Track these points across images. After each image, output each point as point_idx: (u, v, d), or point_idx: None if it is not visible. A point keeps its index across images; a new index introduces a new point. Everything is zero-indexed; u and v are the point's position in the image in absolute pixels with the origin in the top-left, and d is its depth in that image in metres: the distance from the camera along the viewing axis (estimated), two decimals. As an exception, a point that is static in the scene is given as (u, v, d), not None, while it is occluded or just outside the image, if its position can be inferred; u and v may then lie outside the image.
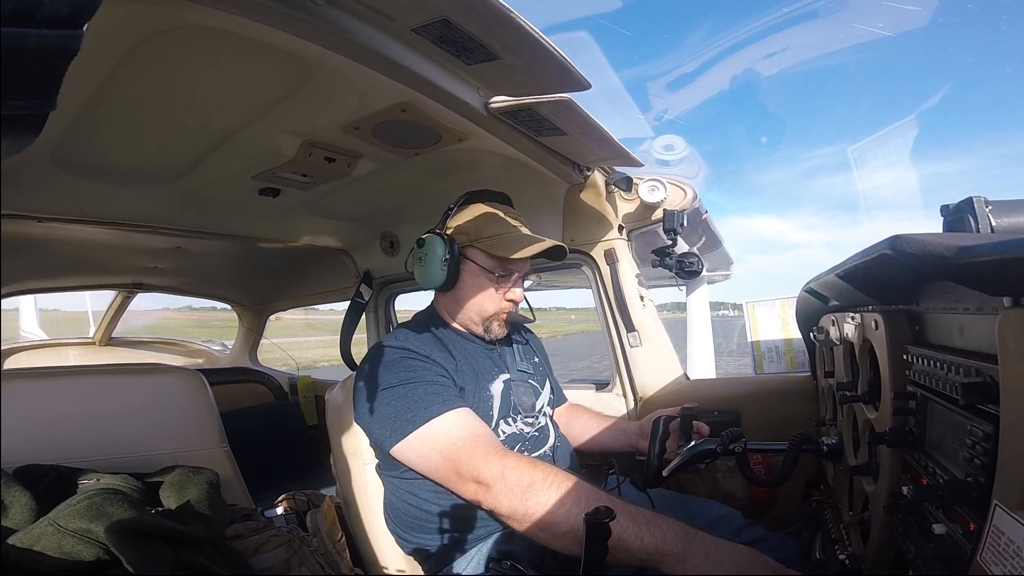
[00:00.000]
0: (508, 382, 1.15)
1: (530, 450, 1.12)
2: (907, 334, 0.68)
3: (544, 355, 1.34)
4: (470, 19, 0.75)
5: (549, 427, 1.20)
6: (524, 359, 1.25)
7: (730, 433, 0.89)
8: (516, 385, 1.17)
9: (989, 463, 0.46)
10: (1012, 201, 0.64)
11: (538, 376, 1.25)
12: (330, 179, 1.35)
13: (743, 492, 1.32)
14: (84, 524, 0.69)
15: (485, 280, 1.11)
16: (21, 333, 4.31)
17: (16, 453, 0.87)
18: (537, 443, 1.14)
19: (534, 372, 1.24)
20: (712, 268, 2.68)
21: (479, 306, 1.12)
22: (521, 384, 1.18)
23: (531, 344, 1.30)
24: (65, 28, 0.27)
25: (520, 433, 1.12)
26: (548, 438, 1.17)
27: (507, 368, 1.18)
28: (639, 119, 3.27)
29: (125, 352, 3.17)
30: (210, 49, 0.78)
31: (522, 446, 1.11)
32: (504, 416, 1.10)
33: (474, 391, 1.07)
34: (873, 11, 55.49)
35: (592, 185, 1.47)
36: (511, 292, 1.12)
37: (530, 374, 1.23)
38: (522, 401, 1.15)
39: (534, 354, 1.29)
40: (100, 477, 0.84)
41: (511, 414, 1.12)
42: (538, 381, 1.24)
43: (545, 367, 1.30)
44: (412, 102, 0.98)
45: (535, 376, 1.24)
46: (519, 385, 1.17)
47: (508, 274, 1.11)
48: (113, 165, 1.14)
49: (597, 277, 1.56)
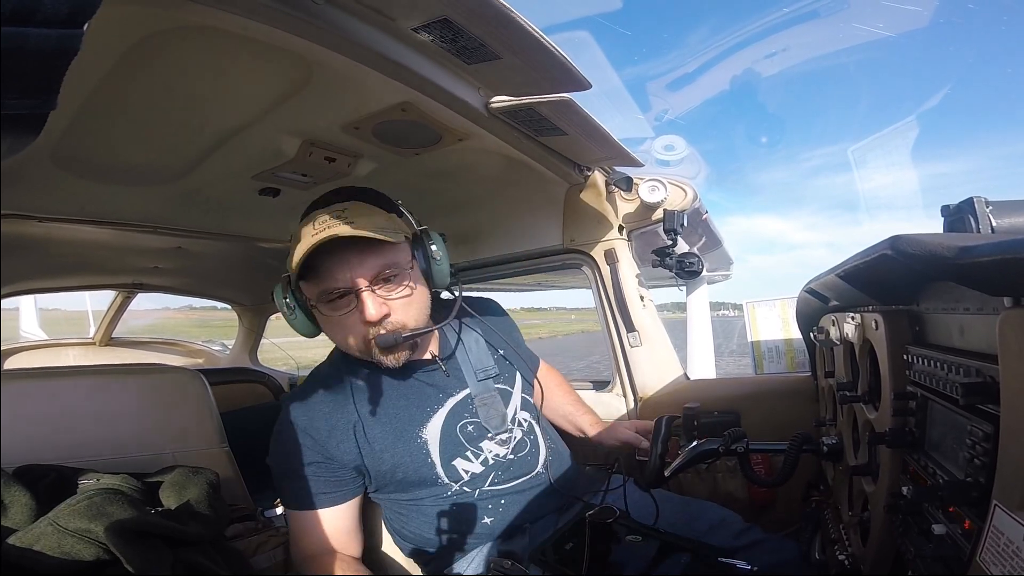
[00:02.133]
0: (460, 407, 1.01)
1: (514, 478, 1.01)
2: (907, 334, 0.68)
3: (508, 335, 1.17)
4: (470, 19, 0.75)
5: (535, 436, 1.07)
6: (483, 360, 1.08)
7: (732, 433, 0.89)
8: (481, 402, 1.02)
9: (989, 463, 0.46)
10: (1012, 201, 0.64)
11: (505, 374, 1.09)
12: (330, 179, 1.35)
13: (743, 492, 1.32)
14: (84, 524, 0.69)
15: (324, 315, 0.93)
16: (21, 333, 4.32)
17: (16, 453, 0.87)
18: (521, 467, 1.02)
19: (500, 371, 1.08)
20: (712, 268, 2.69)
21: (345, 345, 0.96)
22: (487, 397, 1.03)
23: (484, 335, 1.12)
24: (65, 28, 0.27)
25: (493, 463, 1.00)
26: (537, 455, 1.06)
27: (456, 389, 1.03)
28: (639, 119, 3.27)
29: (125, 352, 3.17)
30: (210, 49, 0.78)
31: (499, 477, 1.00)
32: (457, 455, 0.98)
33: (395, 443, 0.95)
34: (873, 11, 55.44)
35: (592, 185, 1.47)
36: (363, 313, 0.89)
37: (493, 376, 1.07)
38: (491, 420, 1.01)
39: (494, 346, 1.12)
40: (100, 477, 0.84)
41: (470, 446, 0.99)
42: (507, 380, 1.09)
43: (510, 353, 1.14)
44: (412, 102, 0.98)
45: (501, 376, 1.08)
46: (484, 400, 1.02)
47: (337, 295, 0.90)
48: (113, 165, 1.14)
49: (597, 277, 1.56)
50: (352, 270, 0.88)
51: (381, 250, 0.89)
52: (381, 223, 0.90)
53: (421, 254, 0.96)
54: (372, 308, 0.88)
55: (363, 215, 0.89)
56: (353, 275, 0.88)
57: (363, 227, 0.85)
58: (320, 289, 0.90)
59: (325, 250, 0.85)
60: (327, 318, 0.93)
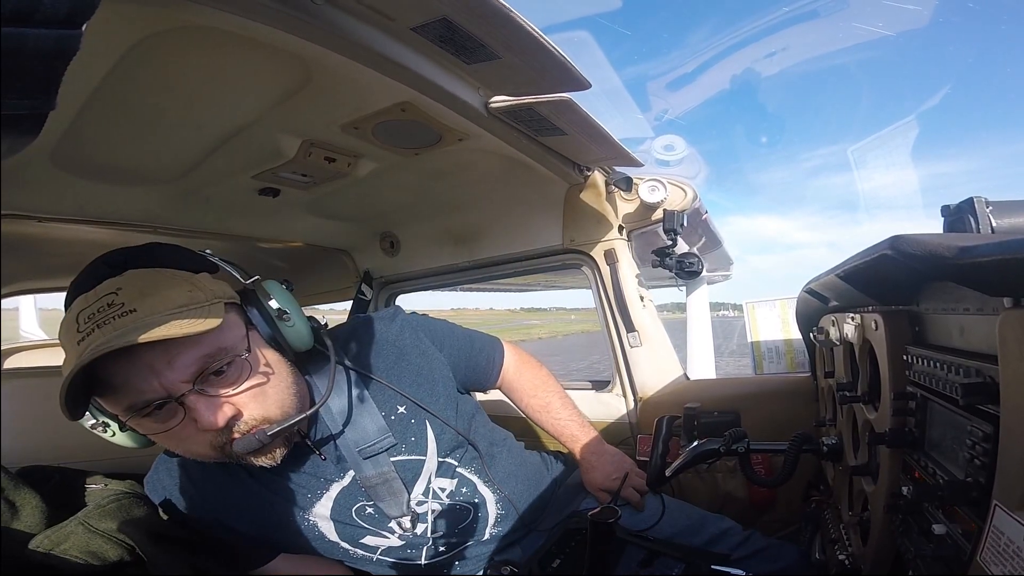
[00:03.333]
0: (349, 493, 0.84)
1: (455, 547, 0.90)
2: (907, 334, 0.68)
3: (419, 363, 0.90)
4: (470, 19, 0.75)
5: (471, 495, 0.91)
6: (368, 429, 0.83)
7: (733, 433, 0.89)
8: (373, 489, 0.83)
9: (989, 463, 0.46)
10: (1012, 201, 0.64)
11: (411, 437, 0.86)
12: (330, 179, 1.35)
13: (743, 493, 1.32)
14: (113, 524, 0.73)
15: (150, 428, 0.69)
16: (21, 333, 4.31)
17: (16, 453, 0.87)
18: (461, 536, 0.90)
19: (398, 437, 0.85)
20: (712, 268, 2.69)
21: (195, 455, 0.72)
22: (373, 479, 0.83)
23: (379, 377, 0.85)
24: (64, 28, 0.27)
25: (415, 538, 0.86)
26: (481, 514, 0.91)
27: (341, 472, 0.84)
28: (639, 119, 3.28)
29: (125, 352, 3.16)
30: (210, 49, 0.78)
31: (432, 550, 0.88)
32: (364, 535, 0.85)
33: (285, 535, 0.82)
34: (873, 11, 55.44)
35: (592, 185, 1.47)
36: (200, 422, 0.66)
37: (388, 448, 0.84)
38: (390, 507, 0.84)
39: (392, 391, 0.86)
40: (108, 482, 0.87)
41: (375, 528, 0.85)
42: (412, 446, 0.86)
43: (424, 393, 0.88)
44: (412, 102, 0.98)
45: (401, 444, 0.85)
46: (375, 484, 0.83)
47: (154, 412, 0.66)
48: (113, 165, 1.14)
49: (597, 277, 1.56)
50: (159, 376, 0.64)
51: (200, 337, 0.64)
52: (180, 299, 0.66)
53: (259, 316, 0.74)
54: (208, 416, 0.66)
55: (148, 294, 0.65)
56: (163, 382, 0.64)
57: (149, 318, 0.62)
58: (125, 405, 0.66)
59: (109, 357, 0.60)
60: (153, 433, 0.70)
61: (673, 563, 0.87)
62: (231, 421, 0.68)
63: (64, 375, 0.61)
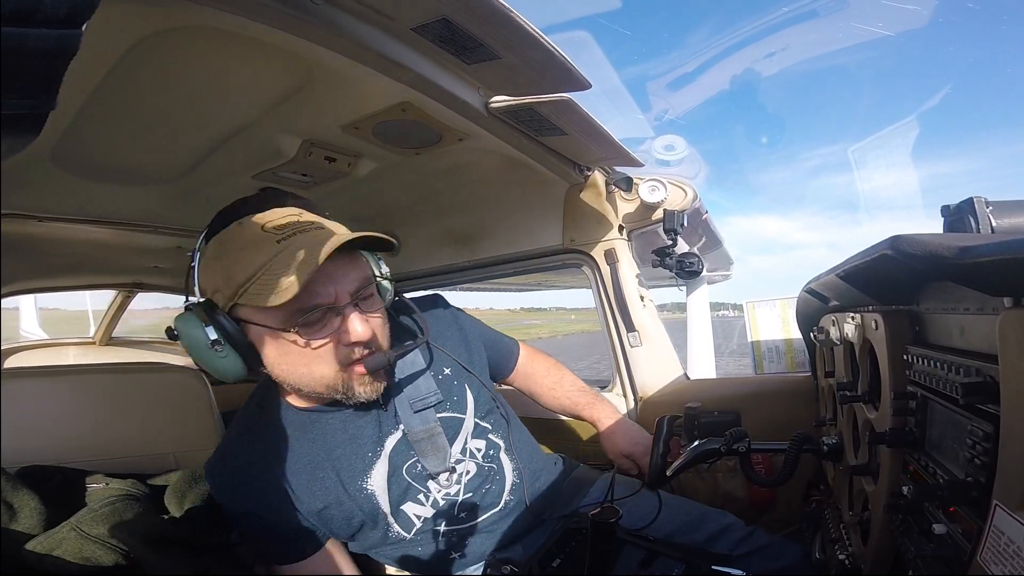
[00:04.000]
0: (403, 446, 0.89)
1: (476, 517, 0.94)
2: (907, 334, 0.68)
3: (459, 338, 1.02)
4: (470, 19, 0.75)
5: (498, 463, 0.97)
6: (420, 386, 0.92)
7: (733, 433, 0.89)
8: (418, 444, 0.89)
9: (989, 463, 0.46)
10: (1012, 201, 0.64)
11: (453, 397, 0.95)
12: (330, 179, 1.35)
13: (743, 492, 1.32)
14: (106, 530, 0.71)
15: (288, 344, 0.74)
16: (21, 332, 4.32)
17: (16, 453, 0.87)
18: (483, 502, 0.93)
19: (444, 396, 0.93)
20: (712, 268, 2.69)
21: (311, 379, 0.78)
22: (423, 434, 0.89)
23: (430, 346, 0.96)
24: (64, 28, 0.27)
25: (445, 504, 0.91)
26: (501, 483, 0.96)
27: (395, 426, 0.89)
28: (639, 119, 3.28)
29: (125, 352, 3.17)
30: (210, 49, 0.78)
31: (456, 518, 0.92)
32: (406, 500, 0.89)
33: (340, 500, 0.85)
34: (873, 10, 55.44)
35: (592, 185, 1.47)
36: (345, 333, 0.75)
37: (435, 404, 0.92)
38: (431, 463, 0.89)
39: (439, 361, 0.96)
40: (109, 481, 0.85)
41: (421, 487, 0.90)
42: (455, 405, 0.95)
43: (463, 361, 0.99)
44: (412, 102, 0.98)
45: (446, 402, 0.94)
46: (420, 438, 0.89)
47: (316, 318, 0.74)
48: (113, 165, 1.14)
49: (597, 277, 1.56)
50: (336, 284, 0.74)
51: (359, 262, 0.78)
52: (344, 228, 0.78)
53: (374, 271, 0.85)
54: (359, 327, 0.75)
55: (323, 220, 0.79)
56: (337, 289, 0.74)
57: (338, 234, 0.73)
58: (295, 308, 0.71)
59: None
60: (291, 347, 0.74)
61: (673, 563, 0.87)
62: (371, 339, 0.78)
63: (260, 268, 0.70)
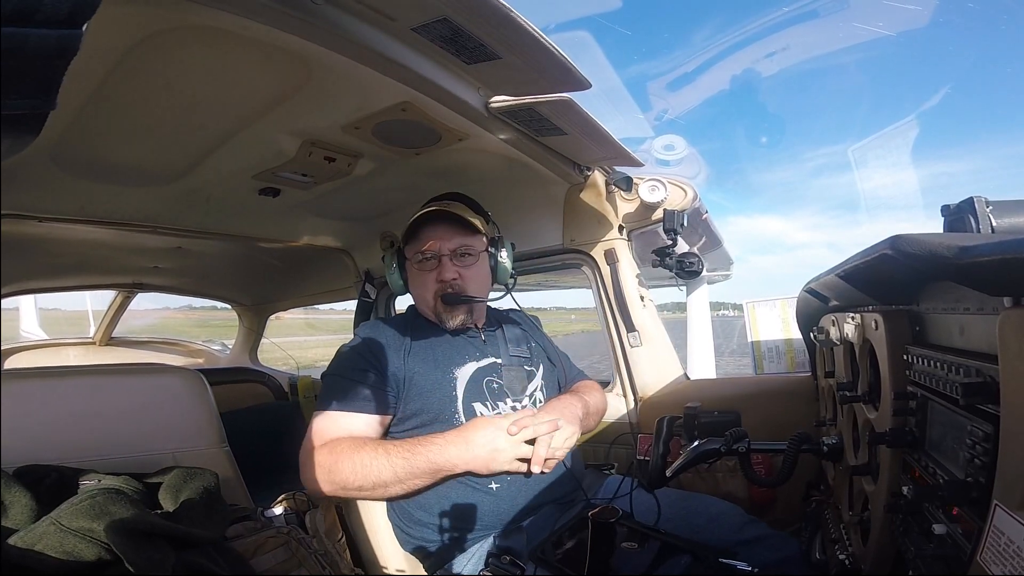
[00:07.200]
0: (489, 368, 1.16)
1: None
2: (907, 334, 0.68)
3: (544, 339, 1.35)
4: (470, 19, 0.75)
5: None
6: (519, 344, 1.26)
7: (734, 433, 0.89)
8: (508, 370, 1.18)
9: (989, 463, 0.46)
10: (1013, 201, 0.64)
11: (534, 360, 1.25)
12: (330, 179, 1.35)
13: (744, 492, 1.32)
14: (87, 523, 0.69)
15: (415, 271, 1.18)
16: (21, 333, 4.32)
17: (16, 453, 0.87)
18: None
19: (530, 356, 1.24)
20: (712, 268, 2.68)
21: (421, 297, 1.20)
22: (512, 369, 1.19)
23: (526, 330, 1.31)
24: (65, 28, 0.27)
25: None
26: None
27: (490, 354, 1.19)
28: (639, 119, 3.28)
29: (125, 352, 3.17)
30: (210, 49, 0.78)
31: None
32: (476, 399, 1.11)
33: (432, 371, 1.11)
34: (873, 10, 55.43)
35: (592, 185, 1.47)
36: (441, 273, 1.14)
37: (525, 359, 1.23)
38: (512, 386, 1.16)
39: (530, 339, 1.30)
40: (102, 478, 0.84)
41: (489, 398, 1.13)
42: (534, 364, 1.24)
43: (545, 351, 1.31)
44: (412, 102, 0.98)
45: (531, 360, 1.24)
46: (510, 370, 1.18)
47: (427, 257, 1.15)
48: (113, 165, 1.14)
49: (597, 277, 1.56)
50: (440, 240, 1.14)
51: (464, 232, 1.16)
52: (472, 217, 1.17)
53: (493, 251, 1.22)
54: (447, 271, 1.14)
55: (462, 209, 1.17)
56: (441, 244, 1.14)
57: (458, 212, 1.14)
58: (416, 250, 1.16)
59: (429, 222, 1.13)
60: (415, 274, 1.18)
61: (679, 556, 0.87)
62: (454, 280, 1.14)
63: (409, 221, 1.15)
